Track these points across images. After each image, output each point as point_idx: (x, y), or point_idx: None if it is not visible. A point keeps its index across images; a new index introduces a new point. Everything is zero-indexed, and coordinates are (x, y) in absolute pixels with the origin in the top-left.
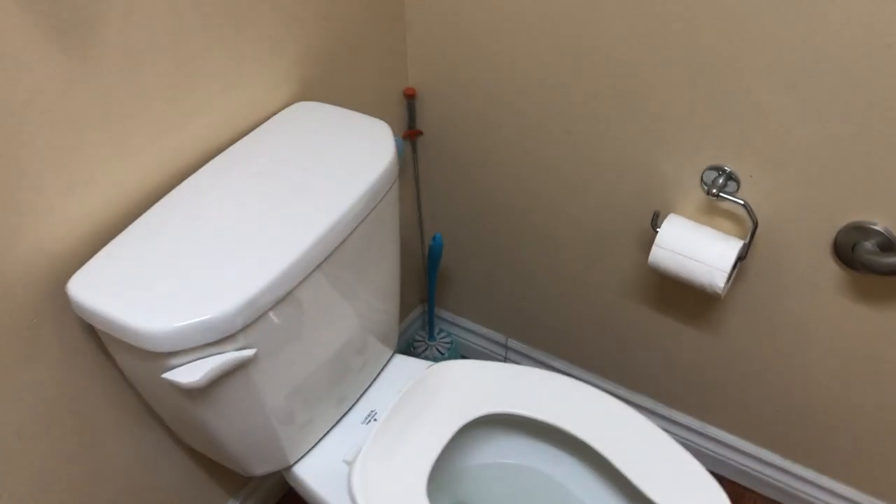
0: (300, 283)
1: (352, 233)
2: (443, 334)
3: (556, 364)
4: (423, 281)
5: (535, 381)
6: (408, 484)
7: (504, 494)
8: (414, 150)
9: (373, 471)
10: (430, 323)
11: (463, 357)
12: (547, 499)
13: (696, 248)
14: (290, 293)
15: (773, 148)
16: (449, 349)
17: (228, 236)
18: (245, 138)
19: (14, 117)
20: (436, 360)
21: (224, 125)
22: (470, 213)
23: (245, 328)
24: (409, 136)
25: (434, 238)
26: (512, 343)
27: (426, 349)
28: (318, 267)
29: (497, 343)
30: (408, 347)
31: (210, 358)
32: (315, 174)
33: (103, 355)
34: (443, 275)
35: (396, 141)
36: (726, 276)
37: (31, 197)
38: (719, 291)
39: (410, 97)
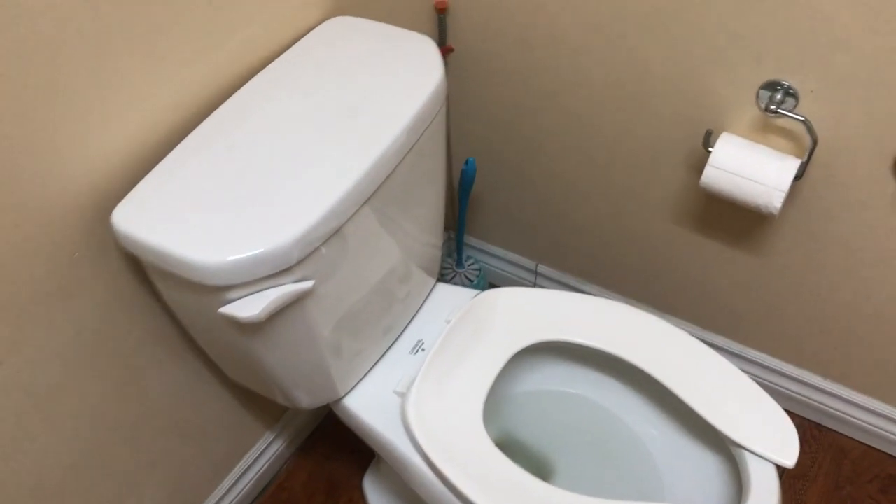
0: (357, 210)
1: (404, 157)
2: (471, 261)
3: (588, 289)
4: (451, 207)
5: (585, 308)
6: (463, 413)
7: (551, 421)
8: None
9: (426, 401)
10: (458, 250)
11: (492, 284)
12: (595, 425)
13: (753, 168)
14: (346, 221)
15: (837, 62)
16: (478, 276)
17: (276, 162)
18: (283, 56)
19: (45, 40)
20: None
21: (260, 43)
22: (502, 135)
23: (302, 261)
24: (440, 53)
25: (467, 162)
26: (542, 269)
27: (454, 276)
28: (373, 194)
29: (526, 269)
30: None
31: (268, 291)
32: (360, 95)
33: (144, 289)
34: (470, 200)
35: None
36: (784, 196)
37: (67, 124)
38: (776, 212)
39: (441, 11)
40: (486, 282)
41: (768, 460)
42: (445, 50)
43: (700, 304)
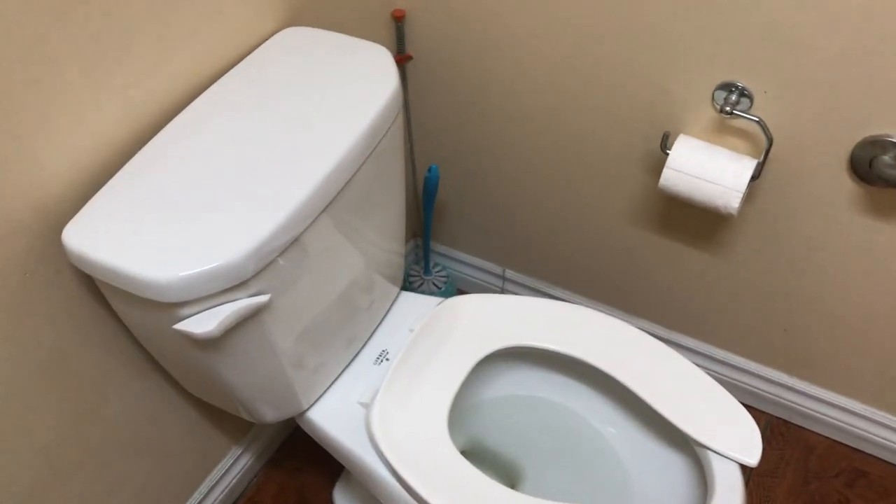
0: (314, 221)
1: (361, 166)
2: (438, 268)
3: (555, 293)
4: (416, 214)
5: (548, 312)
6: (428, 423)
7: (519, 426)
8: (403, 77)
9: (391, 411)
10: (425, 257)
11: (460, 291)
12: (562, 429)
13: (710, 169)
14: (303, 232)
15: (789, 62)
16: (445, 283)
17: (229, 175)
18: (235, 69)
19: None
20: (432, 294)
21: (212, 56)
22: (464, 142)
23: (257, 274)
24: (399, 61)
25: (430, 169)
26: (509, 274)
27: (422, 284)
28: (329, 204)
29: (494, 275)
30: (403, 283)
31: (223, 306)
32: (315, 105)
33: (101, 308)
34: (436, 207)
35: None
36: (742, 196)
37: (13, 143)
38: (734, 213)
39: (399, 20)
40: (454, 288)
41: (732, 459)
42: (404, 58)
43: (665, 305)
